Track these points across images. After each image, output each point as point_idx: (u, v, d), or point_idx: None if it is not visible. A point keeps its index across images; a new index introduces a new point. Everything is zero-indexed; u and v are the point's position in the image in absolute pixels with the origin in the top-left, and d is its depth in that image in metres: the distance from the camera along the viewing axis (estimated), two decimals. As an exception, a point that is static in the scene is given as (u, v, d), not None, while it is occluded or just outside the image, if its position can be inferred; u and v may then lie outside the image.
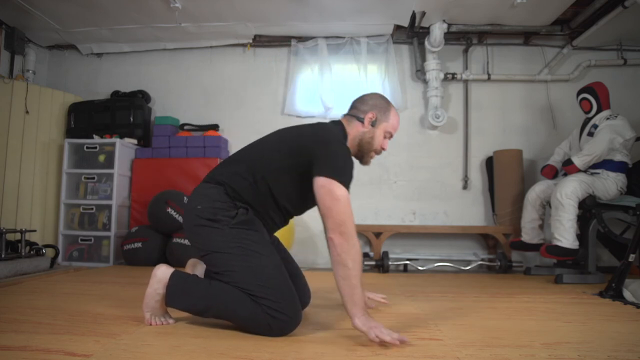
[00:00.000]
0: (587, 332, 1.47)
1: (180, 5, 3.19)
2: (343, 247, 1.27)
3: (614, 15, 3.10)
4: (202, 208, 1.44)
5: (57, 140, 3.64)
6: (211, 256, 1.42)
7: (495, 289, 2.43)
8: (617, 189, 2.77)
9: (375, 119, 1.57)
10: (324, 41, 3.78)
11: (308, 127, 1.56)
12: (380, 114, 1.58)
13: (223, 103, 3.94)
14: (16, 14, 3.40)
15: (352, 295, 1.25)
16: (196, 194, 1.51)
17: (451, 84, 3.81)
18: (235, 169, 1.49)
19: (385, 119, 1.59)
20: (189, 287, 1.42)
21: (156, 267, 1.46)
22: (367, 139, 1.57)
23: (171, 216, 3.20)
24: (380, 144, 1.59)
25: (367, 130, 1.57)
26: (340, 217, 1.28)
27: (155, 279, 1.43)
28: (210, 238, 1.41)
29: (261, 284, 1.33)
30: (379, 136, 1.58)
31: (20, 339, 1.27)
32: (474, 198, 3.75)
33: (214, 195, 1.45)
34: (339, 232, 1.28)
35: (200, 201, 1.46)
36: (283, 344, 1.26)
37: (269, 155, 1.49)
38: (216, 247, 1.40)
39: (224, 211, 1.42)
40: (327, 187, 1.31)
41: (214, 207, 1.42)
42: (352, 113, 1.61)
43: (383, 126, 1.58)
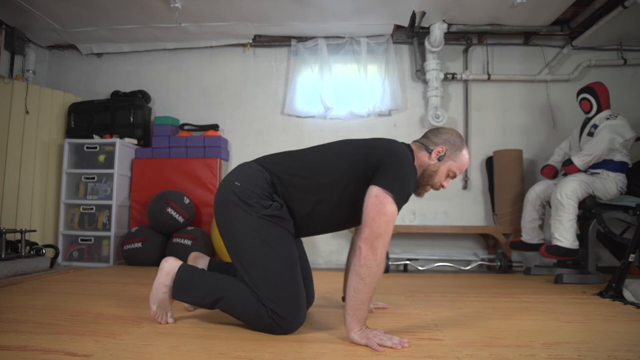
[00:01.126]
0: (587, 332, 1.47)
1: (180, 5, 3.19)
2: (369, 261, 1.23)
3: (614, 15, 3.10)
4: (240, 186, 1.40)
5: (57, 140, 3.64)
6: (230, 237, 1.40)
7: (495, 289, 2.43)
8: (617, 189, 2.76)
9: (444, 154, 1.49)
10: (324, 41, 3.78)
11: (378, 141, 1.48)
12: (451, 150, 1.50)
13: (223, 103, 3.94)
14: (16, 14, 3.40)
15: (357, 310, 1.25)
16: (239, 171, 1.47)
17: (451, 84, 3.81)
18: (291, 168, 1.45)
19: (454, 157, 1.51)
20: (197, 281, 1.42)
21: (164, 260, 1.46)
22: (430, 172, 1.51)
23: (171, 216, 3.20)
24: (441, 180, 1.52)
25: (432, 163, 1.50)
26: (379, 230, 1.25)
27: (163, 272, 1.43)
28: (236, 218, 1.38)
29: (270, 285, 1.32)
30: (442, 172, 1.51)
31: (20, 339, 1.27)
32: (474, 198, 3.75)
33: (257, 179, 1.41)
34: (370, 244, 1.24)
35: (241, 178, 1.42)
36: (283, 344, 1.26)
37: (332, 166, 1.43)
38: (238, 230, 1.37)
39: (259, 198, 1.38)
40: (381, 199, 1.27)
41: (252, 189, 1.39)
42: (423, 142, 1.54)
43: (449, 164, 1.51)
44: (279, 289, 1.32)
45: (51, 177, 3.56)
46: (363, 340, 1.23)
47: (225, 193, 1.42)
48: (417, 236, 3.65)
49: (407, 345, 1.23)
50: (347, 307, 1.26)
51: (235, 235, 1.39)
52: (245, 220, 1.37)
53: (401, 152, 1.40)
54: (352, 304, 1.25)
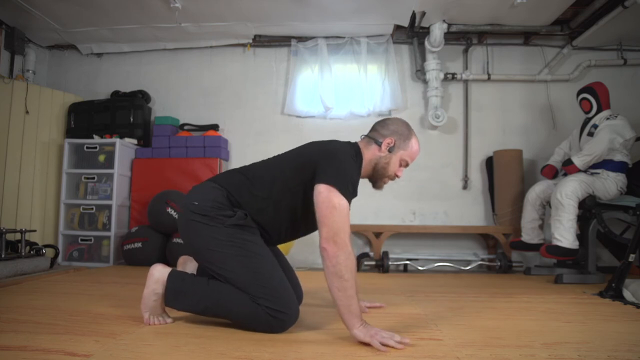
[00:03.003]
0: (587, 332, 1.47)
1: (180, 5, 3.19)
2: (338, 258, 1.25)
3: (614, 15, 3.09)
4: (199, 204, 1.43)
5: (57, 140, 3.64)
6: (204, 254, 1.42)
7: (495, 289, 2.43)
8: (617, 189, 2.76)
9: (394, 145, 1.52)
10: (324, 41, 3.78)
11: (316, 143, 1.54)
12: (399, 140, 1.53)
13: (223, 103, 3.94)
14: (16, 14, 3.40)
15: (349, 306, 1.25)
16: (195, 191, 1.50)
17: (451, 84, 3.81)
18: (242, 181, 1.49)
19: (404, 147, 1.54)
20: (188, 287, 1.42)
21: (152, 267, 1.45)
22: (383, 164, 1.53)
23: (171, 216, 3.20)
24: (395, 170, 1.55)
25: (383, 155, 1.53)
26: (336, 225, 1.26)
27: (153, 279, 1.43)
28: (203, 235, 1.40)
29: (259, 284, 1.34)
30: (394, 163, 1.54)
31: (20, 339, 1.27)
32: (474, 198, 3.75)
33: (214, 195, 1.45)
34: (332, 241, 1.26)
35: (198, 198, 1.45)
36: (283, 344, 1.26)
37: (277, 173, 1.48)
38: (209, 245, 1.39)
39: (220, 210, 1.41)
40: (326, 194, 1.29)
41: (211, 205, 1.41)
42: (371, 135, 1.56)
43: (400, 154, 1.54)
44: (268, 286, 1.34)
45: (51, 177, 3.56)
46: (367, 337, 1.22)
47: (186, 215, 1.45)
48: (417, 236, 3.65)
49: (407, 341, 1.23)
50: (339, 308, 1.26)
51: (208, 250, 1.40)
52: (213, 233, 1.39)
53: (337, 147, 1.44)
54: (341, 302, 1.25)
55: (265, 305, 1.32)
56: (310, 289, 2.28)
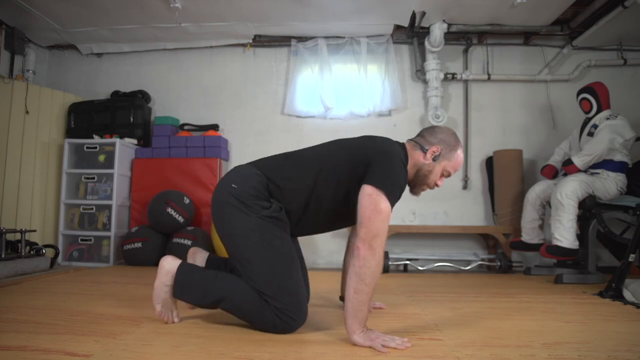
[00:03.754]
0: (587, 332, 1.47)
1: (180, 5, 3.19)
2: (368, 261, 1.23)
3: (614, 15, 3.09)
4: (237, 188, 1.41)
5: (57, 140, 3.64)
6: (231, 239, 1.41)
7: (495, 289, 2.43)
8: (617, 189, 2.76)
9: (439, 154, 1.49)
10: (324, 41, 3.78)
11: (371, 138, 1.51)
12: (445, 150, 1.50)
13: (223, 103, 3.94)
14: (16, 14, 3.40)
15: (358, 312, 1.24)
16: (236, 173, 1.48)
17: (451, 84, 3.81)
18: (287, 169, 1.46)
19: (449, 157, 1.50)
20: (197, 280, 1.42)
21: (162, 259, 1.46)
22: (425, 172, 1.51)
23: (171, 216, 3.20)
24: (436, 180, 1.53)
25: (427, 162, 1.49)
26: (376, 230, 1.25)
27: (163, 271, 1.43)
28: (235, 220, 1.39)
29: (275, 283, 1.33)
30: (437, 172, 1.51)
31: (20, 339, 1.27)
32: (474, 198, 3.75)
33: (253, 182, 1.42)
34: (369, 244, 1.24)
35: (238, 181, 1.43)
36: (283, 344, 1.26)
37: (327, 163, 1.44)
38: (238, 232, 1.38)
39: (257, 200, 1.39)
40: (374, 197, 1.27)
41: (249, 192, 1.39)
42: (418, 141, 1.53)
43: (444, 164, 1.51)
44: (283, 288, 1.33)
45: (51, 177, 3.56)
46: (367, 342, 1.23)
47: (223, 195, 1.43)
48: (417, 236, 3.65)
49: (409, 345, 1.24)
50: (348, 309, 1.25)
51: (236, 237, 1.39)
52: (245, 222, 1.37)
53: (392, 149, 1.41)
54: (353, 305, 1.24)
55: (275, 306, 1.31)
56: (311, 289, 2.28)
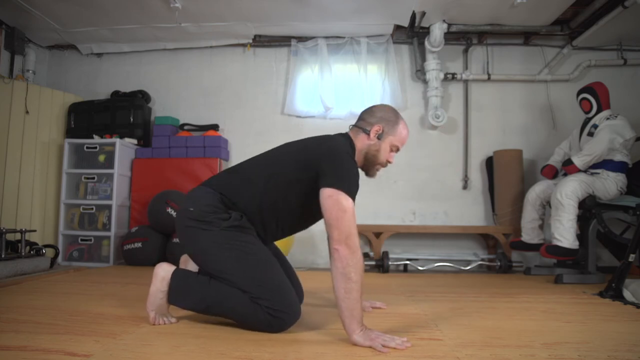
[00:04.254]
0: (587, 332, 1.47)
1: (180, 5, 3.19)
2: (349, 260, 1.25)
3: (614, 15, 3.09)
4: (194, 210, 1.45)
5: (57, 140, 3.64)
6: (203, 258, 1.44)
7: (495, 289, 2.43)
8: (617, 189, 2.77)
9: (382, 132, 1.53)
10: (324, 41, 3.78)
11: (313, 140, 1.54)
12: (387, 126, 1.54)
13: (223, 103, 3.94)
14: (16, 14, 3.40)
15: (353, 310, 1.24)
16: (190, 197, 1.52)
17: (451, 84, 3.81)
18: (236, 181, 1.50)
19: (393, 132, 1.54)
20: (191, 286, 1.44)
21: (157, 266, 1.48)
22: (373, 152, 1.54)
23: (171, 216, 3.19)
24: (386, 157, 1.56)
25: (373, 142, 1.53)
26: (347, 228, 1.27)
27: (158, 278, 1.45)
28: (200, 239, 1.42)
29: (258, 284, 1.35)
30: (384, 149, 1.55)
31: (20, 339, 1.27)
32: (474, 198, 3.75)
33: (208, 199, 1.46)
34: (345, 243, 1.26)
35: (193, 203, 1.47)
36: (283, 344, 1.26)
37: (274, 169, 1.48)
38: (207, 249, 1.41)
39: (215, 214, 1.42)
40: (335, 198, 1.30)
41: (206, 210, 1.43)
42: (359, 125, 1.57)
43: (389, 139, 1.54)
44: (267, 286, 1.35)
45: (51, 177, 3.56)
46: (367, 342, 1.23)
47: (183, 221, 1.47)
48: (417, 236, 3.65)
49: (409, 345, 1.24)
50: (342, 310, 1.25)
51: (206, 254, 1.42)
52: (210, 237, 1.40)
53: (335, 145, 1.45)
54: (346, 305, 1.24)
55: (265, 305, 1.32)
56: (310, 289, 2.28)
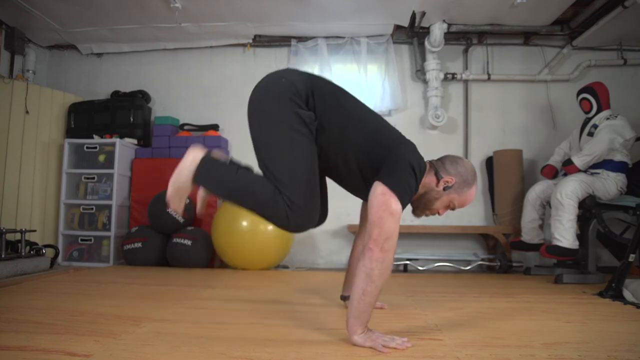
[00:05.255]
0: (587, 332, 1.47)
1: (180, 5, 3.19)
2: (380, 263, 1.22)
3: (614, 15, 3.09)
4: (286, 82, 1.40)
5: (57, 140, 3.64)
6: (262, 121, 1.40)
7: (495, 289, 2.43)
8: (617, 189, 2.76)
9: (451, 186, 1.44)
10: (324, 41, 3.78)
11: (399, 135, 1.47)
12: (459, 184, 1.44)
13: (223, 103, 3.94)
14: (16, 14, 3.40)
15: (362, 313, 1.24)
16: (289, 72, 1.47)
17: (451, 84, 3.81)
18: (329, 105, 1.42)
19: (460, 192, 1.45)
20: (218, 168, 1.43)
21: (190, 148, 1.47)
22: (431, 197, 1.46)
23: (171, 216, 3.19)
24: (440, 208, 1.49)
25: (437, 190, 1.44)
26: (389, 231, 1.23)
27: (188, 158, 1.44)
28: (275, 105, 1.38)
29: (292, 173, 1.34)
30: (443, 202, 1.47)
31: (20, 339, 1.27)
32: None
33: (301, 87, 1.39)
34: (381, 245, 1.23)
35: (288, 79, 1.41)
36: (283, 344, 1.26)
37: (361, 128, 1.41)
38: (274, 116, 1.37)
39: (297, 99, 1.37)
40: (387, 197, 1.25)
41: (293, 91, 1.37)
42: (436, 165, 1.47)
43: (453, 197, 1.46)
44: (299, 181, 1.34)
45: (51, 177, 3.56)
46: (367, 343, 1.22)
47: (271, 82, 1.43)
48: (417, 236, 3.65)
49: (409, 345, 1.24)
50: (352, 309, 1.25)
51: (268, 120, 1.39)
52: (283, 110, 1.36)
53: (412, 156, 1.37)
54: (358, 306, 1.23)
55: (287, 195, 1.32)
56: (310, 289, 2.29)
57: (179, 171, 1.45)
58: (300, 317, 1.59)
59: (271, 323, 1.50)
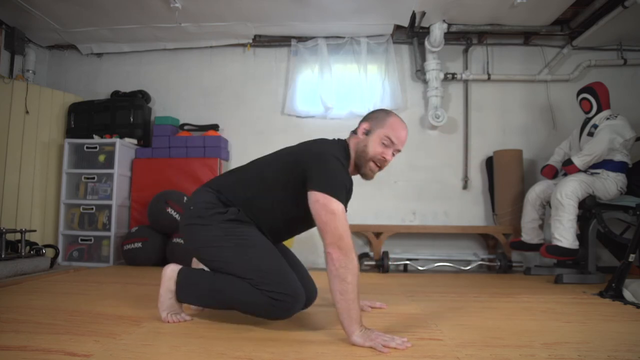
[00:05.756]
0: (587, 332, 1.47)
1: (180, 5, 3.19)
2: (342, 262, 1.25)
3: (614, 15, 3.09)
4: (194, 208, 1.49)
5: (57, 140, 3.64)
6: (203, 251, 1.47)
7: (495, 289, 2.43)
8: (617, 189, 2.77)
9: (370, 129, 1.52)
10: (324, 41, 3.78)
11: (304, 143, 1.55)
12: (375, 123, 1.52)
13: (223, 103, 3.94)
14: (16, 14, 3.40)
15: (349, 311, 1.25)
16: (191, 197, 1.57)
17: (451, 84, 3.81)
18: (232, 182, 1.54)
19: (381, 126, 1.50)
20: (196, 280, 1.47)
21: (165, 267, 1.53)
22: (362, 148, 1.51)
23: (171, 216, 3.20)
24: (375, 151, 1.50)
25: (361, 139, 1.53)
26: (338, 231, 1.27)
27: (166, 278, 1.49)
28: (200, 235, 1.46)
29: (257, 270, 1.36)
30: (373, 142, 1.50)
31: (20, 339, 1.27)
32: (474, 198, 3.75)
33: (207, 198, 1.50)
34: (337, 246, 1.26)
35: (192, 203, 1.52)
36: (283, 344, 1.26)
37: (266, 172, 1.51)
38: (206, 243, 1.44)
39: (214, 209, 1.46)
40: (322, 202, 1.30)
41: (204, 207, 1.47)
42: (354, 130, 1.58)
43: (378, 132, 1.50)
44: (266, 271, 1.36)
45: (51, 177, 3.56)
46: (367, 342, 1.22)
47: (184, 220, 1.52)
48: (417, 236, 3.65)
49: (409, 345, 1.24)
50: (340, 311, 1.26)
51: (206, 248, 1.45)
52: (209, 232, 1.44)
53: (324, 149, 1.44)
54: (343, 306, 1.25)
55: (266, 290, 1.33)
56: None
57: (162, 295, 1.51)
58: (300, 317, 1.59)
59: (271, 323, 1.50)
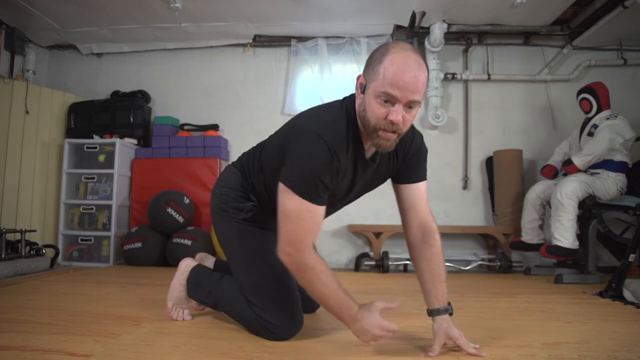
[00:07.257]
0: (587, 332, 1.47)
1: (180, 5, 3.19)
2: (297, 273, 1.13)
3: (614, 15, 3.09)
4: (218, 193, 1.45)
5: (57, 140, 3.64)
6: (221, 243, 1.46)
7: (495, 289, 2.43)
8: (617, 189, 2.77)
9: (365, 83, 1.10)
10: (324, 41, 3.78)
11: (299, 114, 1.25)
12: (368, 72, 1.08)
13: (223, 103, 3.94)
14: (16, 14, 3.40)
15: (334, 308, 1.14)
16: (220, 176, 1.52)
17: (451, 84, 3.81)
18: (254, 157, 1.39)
19: (375, 77, 1.05)
20: (204, 281, 1.47)
21: (182, 260, 1.54)
22: (362, 113, 1.12)
23: (171, 216, 3.20)
24: (375, 114, 1.06)
25: (360, 99, 1.13)
26: (286, 235, 1.10)
27: (180, 271, 1.51)
28: (220, 227, 1.44)
29: (256, 290, 1.32)
30: (371, 103, 1.07)
31: (20, 339, 1.27)
32: (474, 198, 3.75)
33: (231, 181, 1.43)
34: (285, 252, 1.11)
35: (220, 185, 1.47)
36: (283, 345, 1.26)
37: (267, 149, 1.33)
38: (223, 238, 1.44)
39: (234, 201, 1.40)
40: (280, 196, 1.10)
41: (227, 194, 1.42)
42: None
43: (372, 87, 1.06)
44: (265, 296, 1.30)
45: (51, 177, 3.56)
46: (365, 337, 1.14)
47: (212, 203, 1.48)
48: (417, 236, 3.64)
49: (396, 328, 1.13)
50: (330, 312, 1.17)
51: (223, 243, 1.45)
52: (227, 228, 1.41)
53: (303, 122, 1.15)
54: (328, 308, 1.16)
55: (259, 315, 1.29)
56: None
57: (173, 286, 1.51)
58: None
59: (271, 323, 1.50)
